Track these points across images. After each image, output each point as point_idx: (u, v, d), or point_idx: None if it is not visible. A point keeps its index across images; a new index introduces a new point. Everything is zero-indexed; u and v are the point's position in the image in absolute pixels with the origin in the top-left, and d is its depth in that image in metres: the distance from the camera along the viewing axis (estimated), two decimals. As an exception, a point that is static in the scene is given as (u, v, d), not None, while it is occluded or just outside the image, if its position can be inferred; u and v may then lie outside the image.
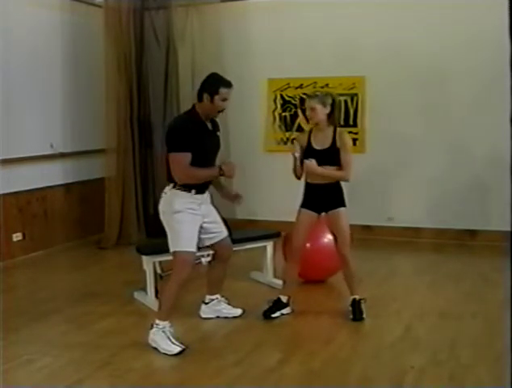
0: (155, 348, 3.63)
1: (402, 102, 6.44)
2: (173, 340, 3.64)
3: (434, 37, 6.21)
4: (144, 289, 4.58)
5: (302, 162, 4.13)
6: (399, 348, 3.66)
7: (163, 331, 3.64)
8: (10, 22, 5.69)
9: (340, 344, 3.76)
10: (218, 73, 3.86)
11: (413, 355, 3.54)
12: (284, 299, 4.27)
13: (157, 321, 3.68)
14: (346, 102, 6.64)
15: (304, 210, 4.20)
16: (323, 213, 4.20)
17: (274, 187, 6.60)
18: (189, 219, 3.73)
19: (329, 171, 4.11)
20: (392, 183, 6.58)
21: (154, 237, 6.55)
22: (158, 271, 4.61)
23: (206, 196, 3.88)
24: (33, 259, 5.97)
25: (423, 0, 6.15)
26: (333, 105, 4.11)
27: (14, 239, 5.86)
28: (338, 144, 4.09)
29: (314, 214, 4.19)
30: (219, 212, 4.02)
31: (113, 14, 6.51)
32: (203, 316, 4.23)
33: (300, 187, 4.25)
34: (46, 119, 6.24)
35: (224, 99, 3.69)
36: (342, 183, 4.20)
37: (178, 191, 3.73)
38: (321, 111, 4.08)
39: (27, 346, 3.80)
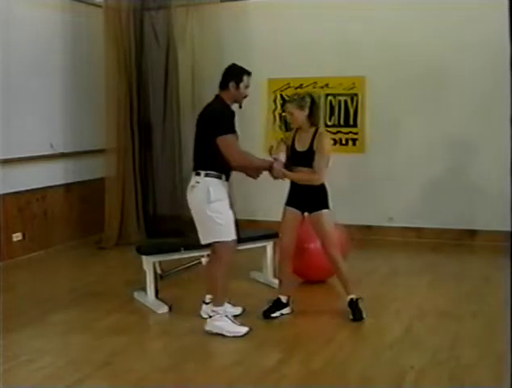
0: (217, 334, 3.82)
1: (402, 102, 6.44)
2: (237, 322, 3.87)
3: (434, 37, 6.21)
4: (144, 289, 4.57)
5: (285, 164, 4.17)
6: (399, 348, 3.65)
7: (226, 316, 3.85)
8: (10, 22, 5.68)
9: (340, 344, 3.76)
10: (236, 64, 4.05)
11: (413, 355, 3.53)
12: (284, 299, 4.27)
13: (216, 308, 3.86)
14: (346, 102, 6.65)
15: (288, 208, 4.24)
16: (306, 213, 4.21)
17: (274, 187, 6.60)
18: (226, 207, 3.84)
19: (298, 175, 4.13)
20: (392, 183, 6.57)
21: (154, 237, 6.57)
22: (158, 271, 4.61)
23: (229, 186, 3.97)
24: (33, 259, 5.97)
25: (423, 0, 6.15)
26: (312, 106, 4.09)
27: (14, 239, 5.86)
28: (315, 146, 4.07)
29: (298, 212, 4.21)
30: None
31: (113, 14, 6.51)
32: (204, 316, 4.22)
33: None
34: (46, 119, 6.24)
35: (247, 86, 3.96)
36: (327, 185, 4.18)
37: (212, 178, 3.81)
38: (300, 115, 4.08)
39: (27, 346, 3.80)
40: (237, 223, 4.14)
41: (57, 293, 5.00)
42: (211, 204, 3.76)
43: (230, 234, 3.86)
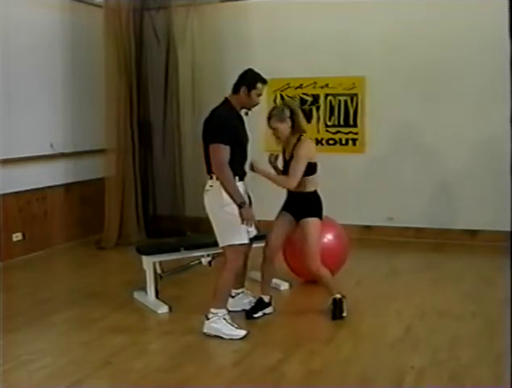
0: (216, 336, 3.79)
1: (402, 102, 6.44)
2: (235, 325, 3.83)
3: (434, 37, 6.21)
4: (143, 289, 4.58)
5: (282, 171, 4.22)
6: (399, 348, 3.65)
7: (224, 319, 3.81)
8: (10, 22, 5.69)
9: (340, 344, 3.76)
10: (253, 69, 3.96)
11: (413, 355, 3.53)
12: (266, 299, 4.30)
13: (215, 310, 3.81)
14: (346, 102, 6.65)
15: (282, 212, 4.27)
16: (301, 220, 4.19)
17: (274, 187, 6.61)
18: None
19: (272, 177, 4.15)
20: (392, 183, 6.58)
21: (154, 237, 6.57)
22: (158, 271, 4.61)
23: (245, 185, 3.95)
24: (33, 259, 5.97)
25: (423, 1, 6.14)
26: (292, 116, 4.06)
27: (14, 239, 5.86)
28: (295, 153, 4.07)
29: (292, 218, 4.22)
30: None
31: (113, 14, 6.51)
32: (230, 309, 4.11)
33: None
34: (46, 119, 6.24)
35: (259, 95, 3.88)
36: (321, 193, 4.19)
37: None
38: (284, 128, 4.07)
39: (27, 346, 3.81)
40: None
41: (57, 293, 5.00)
42: (224, 208, 3.75)
43: (241, 238, 3.83)
